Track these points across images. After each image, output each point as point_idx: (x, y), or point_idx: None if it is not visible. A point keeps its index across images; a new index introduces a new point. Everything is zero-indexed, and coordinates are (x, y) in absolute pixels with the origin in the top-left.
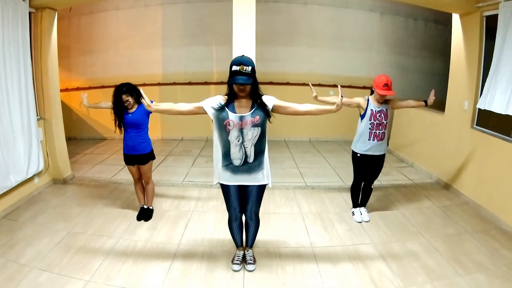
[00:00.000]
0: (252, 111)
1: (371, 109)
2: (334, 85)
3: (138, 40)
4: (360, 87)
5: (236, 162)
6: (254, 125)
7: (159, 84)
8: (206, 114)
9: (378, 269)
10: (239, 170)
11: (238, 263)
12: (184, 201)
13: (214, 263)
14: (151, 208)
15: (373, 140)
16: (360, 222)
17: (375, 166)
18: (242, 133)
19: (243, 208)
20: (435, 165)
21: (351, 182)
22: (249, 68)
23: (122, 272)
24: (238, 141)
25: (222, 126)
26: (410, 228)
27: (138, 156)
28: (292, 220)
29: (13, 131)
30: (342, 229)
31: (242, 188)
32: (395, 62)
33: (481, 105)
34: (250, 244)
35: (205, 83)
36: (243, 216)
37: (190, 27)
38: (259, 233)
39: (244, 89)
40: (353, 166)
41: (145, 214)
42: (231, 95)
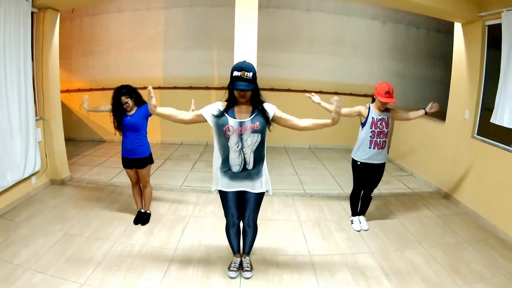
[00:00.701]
0: (252, 117)
1: (372, 117)
2: (335, 93)
3: (140, 43)
4: (361, 95)
5: (235, 169)
6: (254, 131)
7: (160, 88)
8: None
9: (377, 280)
10: (238, 177)
11: (235, 270)
12: (182, 206)
13: (211, 269)
14: (148, 212)
15: (374, 149)
16: (359, 231)
17: (375, 175)
18: (242, 139)
19: (241, 215)
20: (435, 175)
21: (351, 190)
22: (250, 74)
23: (117, 276)
24: (238, 147)
25: (222, 132)
26: (409, 237)
27: (136, 160)
28: (290, 227)
29: (11, 130)
30: (341, 238)
31: (241, 195)
32: (397, 70)
33: (494, 120)
34: (247, 251)
35: (206, 88)
36: (241, 223)
37: (192, 31)
38: (257, 240)
39: (245, 95)
40: (353, 174)
41: (142, 218)
42: (231, 101)
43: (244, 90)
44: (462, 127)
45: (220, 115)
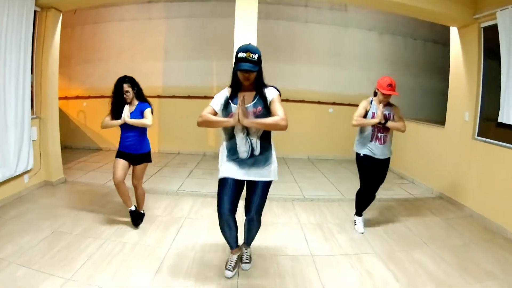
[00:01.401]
0: (254, 102)
1: (373, 111)
2: (334, 103)
3: (140, 52)
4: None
5: (243, 155)
6: (257, 116)
7: (159, 97)
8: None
9: (383, 278)
10: (246, 163)
11: (231, 269)
12: (177, 208)
13: (206, 268)
14: (142, 212)
15: (375, 142)
16: (363, 233)
17: (379, 171)
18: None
19: (234, 209)
20: (437, 180)
21: (353, 195)
22: (256, 56)
23: (106, 273)
24: (244, 134)
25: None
26: (414, 239)
27: (134, 156)
28: (290, 230)
29: (6, 126)
30: (343, 239)
31: (247, 186)
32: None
33: (501, 119)
34: (249, 242)
35: (205, 97)
36: (238, 217)
37: (192, 41)
38: (256, 240)
39: (249, 77)
40: (358, 170)
41: (137, 216)
42: (235, 85)
43: (249, 71)
44: (463, 129)
45: (226, 104)
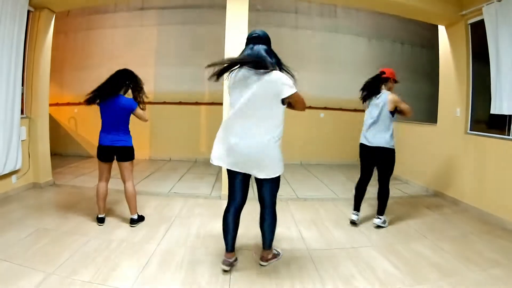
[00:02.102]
0: None
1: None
2: (325, 108)
3: (132, 58)
4: (350, 110)
5: None
6: None
7: (150, 103)
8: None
9: (384, 269)
10: None
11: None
12: (168, 208)
13: (196, 263)
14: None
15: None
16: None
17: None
18: None
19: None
20: (431, 178)
21: (347, 195)
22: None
23: (91, 268)
24: None
25: None
26: (412, 232)
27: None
28: (285, 227)
29: None
30: (340, 234)
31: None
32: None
33: (493, 110)
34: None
35: (196, 103)
36: (243, 211)
37: (184, 48)
38: (247, 236)
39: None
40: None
41: (103, 221)
42: None
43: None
44: (455, 125)
45: None
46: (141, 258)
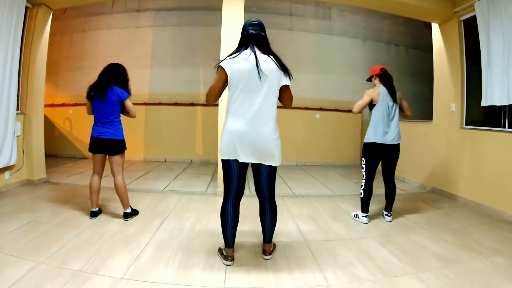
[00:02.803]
0: None
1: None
2: (320, 109)
3: (128, 59)
4: (346, 111)
5: None
6: None
7: (145, 104)
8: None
9: (384, 259)
10: None
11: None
12: (162, 203)
13: (191, 254)
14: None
15: None
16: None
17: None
18: None
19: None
20: (428, 175)
21: (344, 192)
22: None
23: (82, 258)
24: None
25: None
26: (411, 225)
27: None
28: (282, 221)
29: None
30: (338, 227)
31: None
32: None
33: (484, 103)
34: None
35: (191, 104)
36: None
37: (179, 49)
38: (245, 230)
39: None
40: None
41: (96, 215)
42: None
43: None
44: (450, 120)
45: None
46: (134, 249)
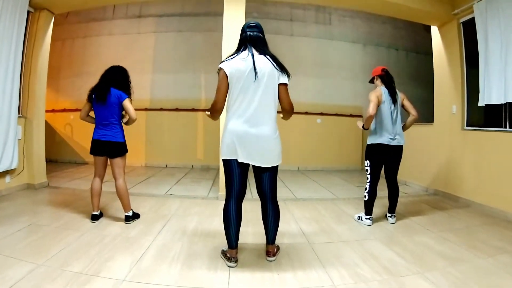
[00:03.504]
0: None
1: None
2: (321, 113)
3: (129, 65)
4: (347, 115)
5: None
6: None
7: (146, 110)
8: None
9: (390, 259)
10: None
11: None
12: (164, 207)
13: (193, 257)
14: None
15: None
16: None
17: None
18: None
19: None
20: (430, 178)
21: (345, 195)
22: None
23: (83, 260)
24: None
25: None
26: (415, 226)
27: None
28: (285, 224)
29: None
30: (342, 229)
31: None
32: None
33: (481, 102)
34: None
35: (193, 110)
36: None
37: (180, 55)
38: (247, 231)
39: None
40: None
41: (97, 219)
42: None
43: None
44: (452, 122)
45: None
46: (136, 252)
